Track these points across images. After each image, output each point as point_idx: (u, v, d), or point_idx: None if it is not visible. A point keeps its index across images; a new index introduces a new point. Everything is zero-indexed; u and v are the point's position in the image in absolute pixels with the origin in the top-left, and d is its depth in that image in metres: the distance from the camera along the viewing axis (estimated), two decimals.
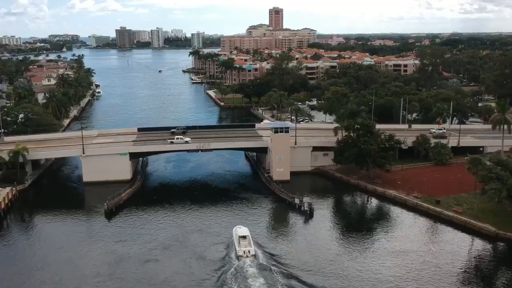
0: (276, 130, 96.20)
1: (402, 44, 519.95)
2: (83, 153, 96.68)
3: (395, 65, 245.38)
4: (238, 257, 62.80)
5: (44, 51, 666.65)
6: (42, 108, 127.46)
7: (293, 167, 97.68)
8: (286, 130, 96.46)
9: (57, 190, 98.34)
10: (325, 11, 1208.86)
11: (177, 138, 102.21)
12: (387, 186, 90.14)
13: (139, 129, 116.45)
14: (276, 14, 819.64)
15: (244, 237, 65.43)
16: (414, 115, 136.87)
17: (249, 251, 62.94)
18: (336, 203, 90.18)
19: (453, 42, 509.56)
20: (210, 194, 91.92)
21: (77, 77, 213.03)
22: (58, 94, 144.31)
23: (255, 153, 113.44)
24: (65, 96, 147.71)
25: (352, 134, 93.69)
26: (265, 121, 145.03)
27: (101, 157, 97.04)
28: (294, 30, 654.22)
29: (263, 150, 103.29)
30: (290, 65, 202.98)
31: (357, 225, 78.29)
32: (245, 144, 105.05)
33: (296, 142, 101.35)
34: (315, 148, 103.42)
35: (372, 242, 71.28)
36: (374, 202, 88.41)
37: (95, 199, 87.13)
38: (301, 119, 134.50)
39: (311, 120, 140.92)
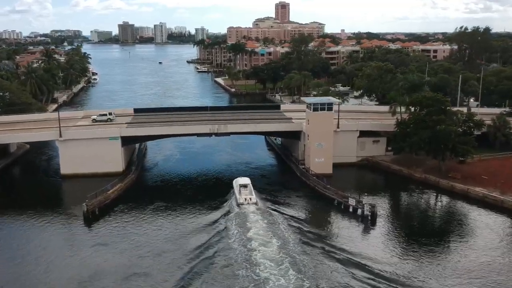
0: (316, 107, 72.26)
1: (415, 38, 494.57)
2: (60, 136, 73.20)
3: (423, 51, 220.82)
4: (239, 205, 59.02)
5: (44, 45, 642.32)
6: (17, 85, 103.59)
7: (334, 157, 74.04)
8: (329, 106, 72.60)
9: (26, 185, 75.36)
10: (328, 10, 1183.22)
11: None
12: (469, 182, 66.48)
13: (136, 110, 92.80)
14: (282, 8, 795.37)
15: (245, 186, 62.75)
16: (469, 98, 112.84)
17: (250, 199, 60.18)
18: (401, 206, 66.33)
19: None
20: (225, 190, 66.86)
21: (69, 59, 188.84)
22: (38, 69, 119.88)
23: (279, 140, 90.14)
24: (48, 73, 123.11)
25: (420, 113, 69.64)
26: (286, 105, 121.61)
27: (84, 142, 73.65)
28: (302, 24, 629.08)
29: (295, 135, 79.70)
30: (310, 46, 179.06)
31: (439, 236, 54.72)
32: (271, 127, 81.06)
33: (339, 125, 77.57)
34: (362, 134, 79.77)
35: (467, 258, 48.64)
36: (453, 203, 64.58)
37: (75, 197, 63.61)
38: None
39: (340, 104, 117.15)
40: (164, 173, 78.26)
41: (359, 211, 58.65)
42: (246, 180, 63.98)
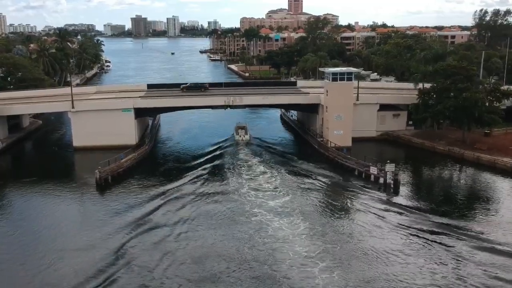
0: (335, 77, 69.81)
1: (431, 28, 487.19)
2: (72, 107, 71.67)
3: (440, 36, 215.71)
4: (235, 141, 73.68)
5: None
6: (29, 61, 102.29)
7: (353, 131, 71.51)
8: (349, 76, 70.05)
9: (38, 157, 74.32)
10: (341, 5, 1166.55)
11: None
12: (495, 153, 63.61)
13: (149, 86, 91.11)
14: (295, 0, 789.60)
15: (242, 127, 76.37)
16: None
17: (244, 137, 73.97)
18: (424, 176, 63.51)
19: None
20: (242, 165, 64.42)
21: (82, 43, 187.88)
22: (51, 48, 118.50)
23: (295, 115, 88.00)
24: (61, 52, 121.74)
25: (444, 81, 66.59)
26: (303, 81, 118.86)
27: (97, 114, 71.94)
28: (315, 15, 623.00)
29: (312, 109, 77.24)
30: (326, 30, 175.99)
31: (468, 200, 52.68)
32: (288, 99, 78.89)
33: (358, 97, 75.03)
34: (382, 107, 77.10)
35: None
36: (479, 173, 61.37)
37: (88, 167, 61.34)
38: None
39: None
40: (177, 146, 76.38)
41: (381, 179, 56.29)
42: (243, 124, 78.22)
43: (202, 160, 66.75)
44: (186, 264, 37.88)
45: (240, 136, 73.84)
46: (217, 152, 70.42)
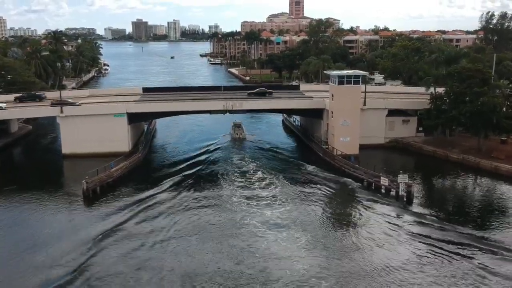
0: (341, 80, 65.32)
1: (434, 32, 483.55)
2: (61, 112, 67.23)
3: (445, 40, 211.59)
4: (233, 138, 76.16)
5: None
6: (20, 63, 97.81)
7: (361, 138, 66.95)
8: (356, 79, 65.54)
9: (22, 165, 70.07)
10: (342, 9, 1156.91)
11: None
12: None
13: (145, 89, 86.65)
14: (296, 4, 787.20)
15: (238, 125, 79.41)
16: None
17: (241, 134, 77.03)
18: (438, 187, 58.67)
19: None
20: (240, 173, 60.04)
21: (79, 45, 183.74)
22: (44, 49, 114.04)
23: (298, 120, 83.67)
24: (54, 54, 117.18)
25: (459, 86, 62.09)
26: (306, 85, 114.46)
27: (88, 119, 67.66)
28: (317, 19, 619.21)
29: (317, 114, 72.74)
30: (328, 33, 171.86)
31: (489, 212, 48.21)
32: (290, 104, 74.39)
33: (365, 102, 70.53)
34: (391, 113, 72.60)
35: None
36: (497, 184, 56.87)
37: (75, 177, 56.92)
38: None
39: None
40: (173, 153, 72.00)
41: (393, 191, 51.74)
42: (239, 122, 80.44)
43: (198, 167, 62.78)
44: (173, 282, 34.85)
45: (237, 133, 77.03)
46: (215, 157, 66.57)
